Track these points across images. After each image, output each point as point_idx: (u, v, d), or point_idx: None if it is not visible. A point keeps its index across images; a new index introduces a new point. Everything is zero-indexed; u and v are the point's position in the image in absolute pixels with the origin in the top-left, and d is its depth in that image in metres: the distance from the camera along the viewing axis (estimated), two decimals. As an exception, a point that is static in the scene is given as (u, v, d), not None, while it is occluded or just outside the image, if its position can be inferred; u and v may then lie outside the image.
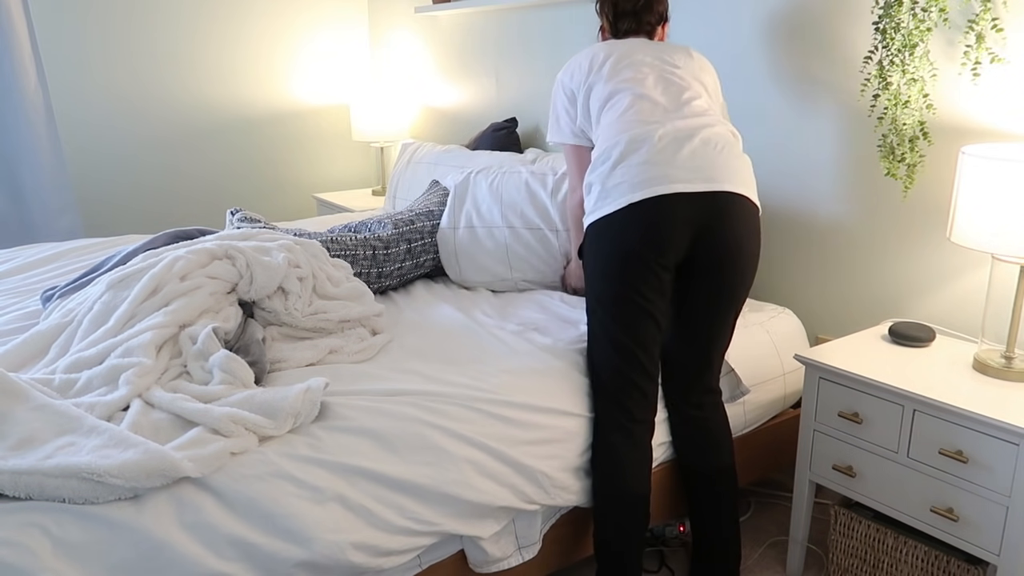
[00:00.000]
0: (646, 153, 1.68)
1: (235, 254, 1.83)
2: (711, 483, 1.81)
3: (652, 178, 1.65)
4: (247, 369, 1.58)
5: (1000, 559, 1.54)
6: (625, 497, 1.70)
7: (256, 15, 3.77)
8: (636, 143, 1.70)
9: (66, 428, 1.35)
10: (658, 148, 1.68)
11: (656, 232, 1.64)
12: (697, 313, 1.74)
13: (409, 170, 3.21)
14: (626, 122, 1.75)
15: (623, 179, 1.67)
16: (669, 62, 1.86)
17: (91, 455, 1.27)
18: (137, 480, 1.26)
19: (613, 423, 1.71)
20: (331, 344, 1.78)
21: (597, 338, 1.75)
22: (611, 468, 1.70)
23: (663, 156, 1.67)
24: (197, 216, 3.80)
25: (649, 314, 1.69)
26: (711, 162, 1.68)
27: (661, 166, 1.66)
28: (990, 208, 1.58)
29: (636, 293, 1.67)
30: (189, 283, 1.74)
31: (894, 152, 1.96)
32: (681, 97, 1.79)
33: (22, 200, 3.20)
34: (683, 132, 1.71)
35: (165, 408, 1.46)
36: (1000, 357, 1.72)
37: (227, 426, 1.40)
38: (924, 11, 1.84)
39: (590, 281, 1.75)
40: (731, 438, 1.86)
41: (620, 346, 1.70)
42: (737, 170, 1.71)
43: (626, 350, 1.70)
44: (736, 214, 1.68)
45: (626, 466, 1.70)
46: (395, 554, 1.47)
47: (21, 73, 3.07)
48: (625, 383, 1.71)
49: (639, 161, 1.67)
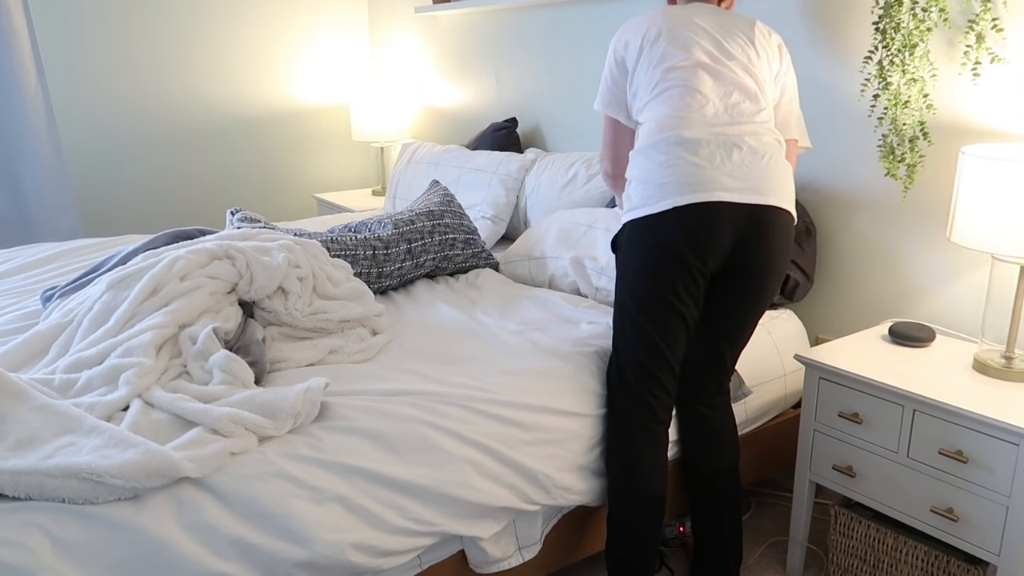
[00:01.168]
0: (695, 156, 1.64)
1: (235, 254, 1.82)
2: (715, 483, 1.81)
3: (701, 183, 1.62)
4: (247, 369, 1.57)
5: (1000, 559, 1.54)
6: (645, 497, 1.69)
7: (256, 15, 3.77)
8: (684, 143, 1.66)
9: (66, 428, 1.35)
10: (708, 152, 1.65)
11: (700, 237, 1.62)
12: (723, 317, 1.73)
13: (409, 170, 3.21)
14: (674, 118, 1.69)
15: (669, 179, 1.64)
16: (726, 50, 1.74)
17: (91, 455, 1.27)
18: (137, 480, 1.25)
19: (637, 421, 1.70)
20: (331, 344, 1.78)
21: (626, 334, 1.73)
22: (633, 466, 1.69)
23: (712, 161, 1.64)
24: (197, 216, 3.80)
25: (682, 316, 1.68)
26: (758, 172, 1.65)
27: (709, 171, 1.63)
28: (990, 208, 1.58)
29: (672, 294, 1.66)
30: (189, 283, 1.74)
31: (894, 152, 1.96)
32: (731, 97, 1.72)
33: (22, 200, 3.20)
34: (732, 137, 1.67)
35: (165, 408, 1.46)
36: (1000, 357, 1.71)
37: (227, 426, 1.40)
38: (924, 11, 1.84)
39: (625, 277, 1.72)
40: (737, 439, 1.86)
41: (650, 344, 1.69)
42: (781, 182, 1.68)
43: (656, 349, 1.69)
44: (777, 228, 1.66)
45: (649, 465, 1.69)
46: (395, 554, 1.47)
47: (21, 73, 3.07)
48: (652, 381, 1.71)
49: (688, 163, 1.64)
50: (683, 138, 1.66)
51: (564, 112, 3.09)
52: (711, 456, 1.81)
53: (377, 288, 2.19)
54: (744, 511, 2.26)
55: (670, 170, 1.64)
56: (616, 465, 1.71)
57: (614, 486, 1.71)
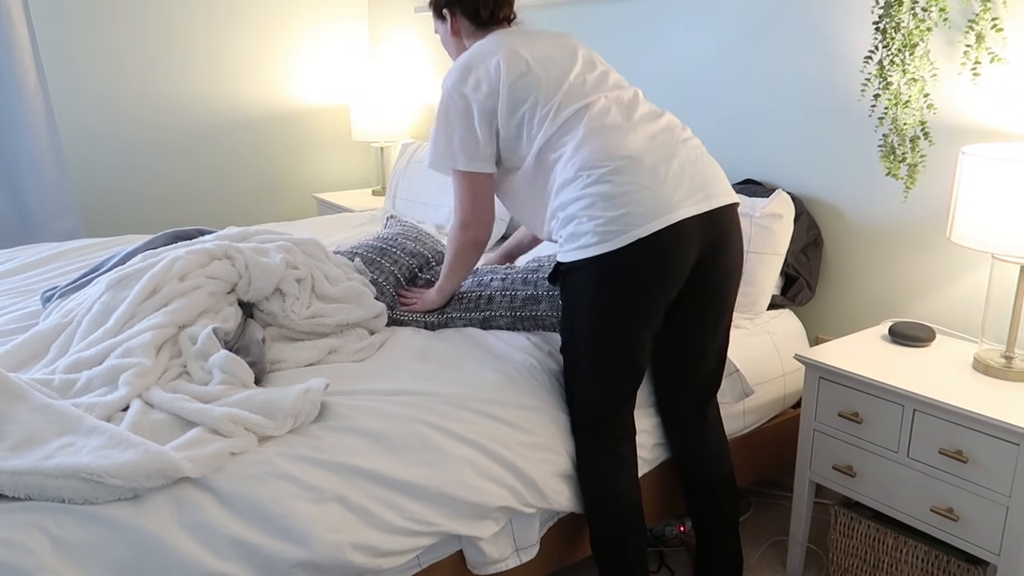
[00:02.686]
0: (636, 176, 1.53)
1: (234, 254, 1.82)
2: (711, 492, 1.81)
3: (658, 206, 1.52)
4: (247, 369, 1.57)
5: (1000, 559, 1.54)
6: (619, 510, 1.68)
7: (256, 15, 3.77)
8: (619, 165, 1.54)
9: (66, 428, 1.35)
10: (648, 168, 1.54)
11: (670, 266, 1.54)
12: (704, 333, 1.69)
13: (409, 170, 3.21)
14: (592, 142, 1.58)
15: (624, 209, 1.51)
16: (587, 59, 1.70)
17: (91, 456, 1.27)
18: (137, 480, 1.26)
19: (599, 449, 1.67)
20: (331, 344, 1.78)
21: (581, 374, 1.65)
22: (603, 489, 1.67)
23: (656, 177, 1.54)
24: (197, 216, 3.80)
25: (644, 351, 1.63)
26: (701, 174, 1.59)
27: (659, 189, 1.53)
28: (990, 208, 1.58)
29: (635, 334, 1.59)
30: (188, 283, 1.74)
31: (895, 152, 1.96)
32: (628, 100, 1.66)
33: (22, 200, 3.20)
34: (660, 145, 1.59)
35: (165, 408, 1.46)
36: (1000, 357, 1.71)
37: (227, 426, 1.40)
38: (924, 11, 1.84)
39: (579, 317, 1.61)
40: (728, 446, 1.85)
41: (610, 385, 1.64)
42: (719, 175, 1.64)
43: (616, 389, 1.65)
44: (735, 225, 1.64)
45: (619, 484, 1.67)
46: (394, 554, 1.47)
47: (21, 73, 3.07)
48: (608, 418, 1.67)
49: (633, 186, 1.53)
50: (612, 158, 1.55)
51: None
52: (707, 468, 1.80)
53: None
54: (744, 511, 2.26)
55: (619, 200, 1.52)
56: (588, 490, 1.68)
57: (589, 507, 1.69)
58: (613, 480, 1.67)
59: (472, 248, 1.82)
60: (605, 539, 1.70)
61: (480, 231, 1.79)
